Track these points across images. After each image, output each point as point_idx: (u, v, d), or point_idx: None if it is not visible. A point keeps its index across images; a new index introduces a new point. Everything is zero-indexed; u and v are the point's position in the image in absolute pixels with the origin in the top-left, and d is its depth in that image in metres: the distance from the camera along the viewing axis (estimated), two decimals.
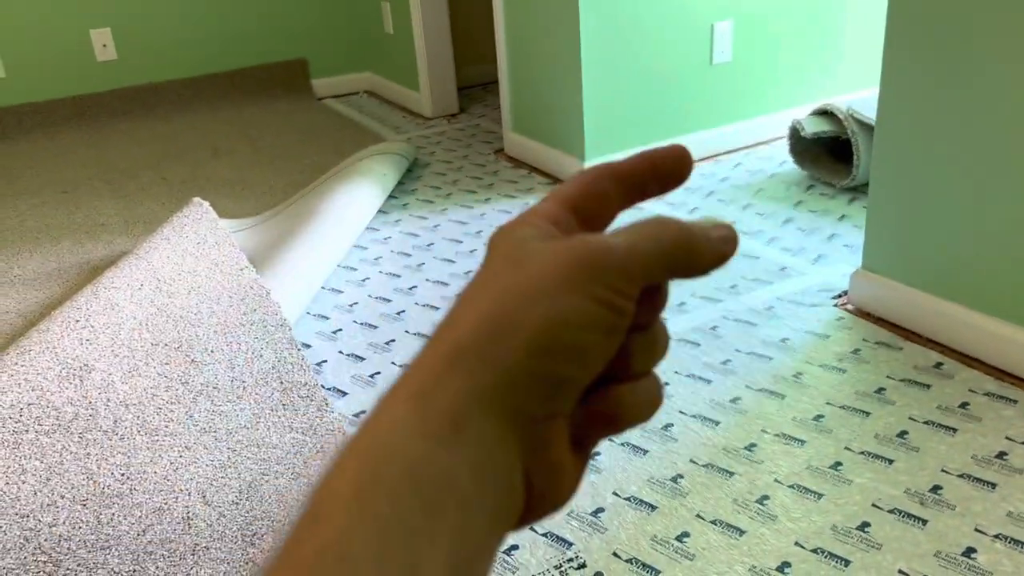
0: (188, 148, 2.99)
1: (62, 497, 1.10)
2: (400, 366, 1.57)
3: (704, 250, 0.25)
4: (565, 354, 0.23)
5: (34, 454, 1.15)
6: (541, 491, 0.24)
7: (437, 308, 1.78)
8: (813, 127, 2.17)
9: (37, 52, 3.19)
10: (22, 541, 1.03)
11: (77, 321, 1.44)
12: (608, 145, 2.33)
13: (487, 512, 0.22)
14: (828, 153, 2.28)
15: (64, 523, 1.06)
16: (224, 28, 3.47)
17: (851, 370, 1.45)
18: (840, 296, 1.69)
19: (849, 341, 1.53)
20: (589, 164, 2.17)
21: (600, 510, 1.18)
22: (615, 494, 1.21)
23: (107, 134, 3.20)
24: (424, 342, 0.24)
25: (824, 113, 2.20)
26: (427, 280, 1.92)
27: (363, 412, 1.44)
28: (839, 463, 1.23)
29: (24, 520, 1.05)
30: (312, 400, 1.41)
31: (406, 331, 1.70)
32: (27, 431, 1.19)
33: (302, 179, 2.59)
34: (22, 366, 1.31)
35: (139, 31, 3.33)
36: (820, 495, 1.18)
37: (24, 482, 1.11)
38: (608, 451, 1.30)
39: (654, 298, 0.26)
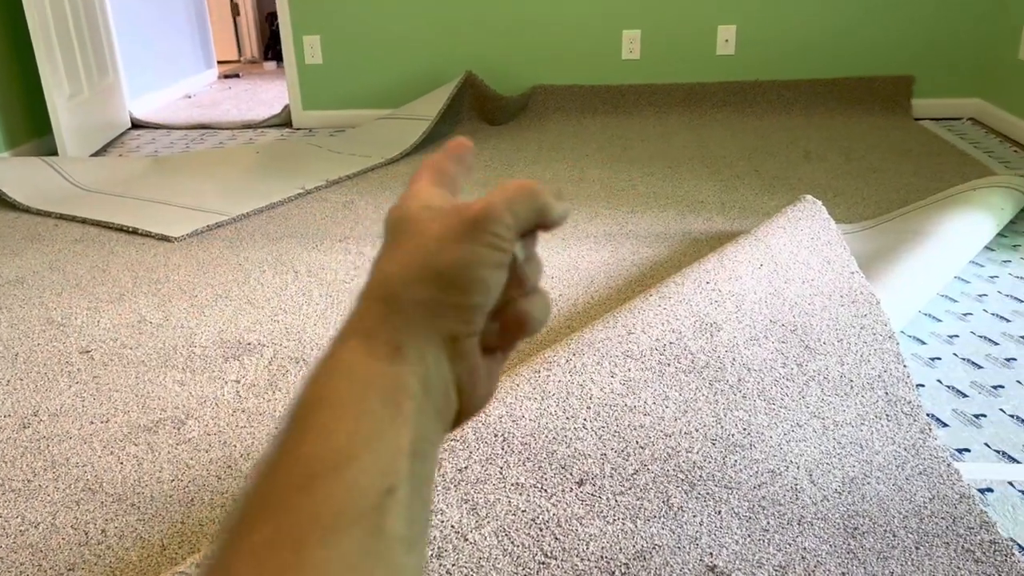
0: (780, 147, 3.10)
1: (696, 430, 1.24)
2: (1011, 416, 1.45)
3: (551, 209, 0.33)
4: (470, 287, 0.30)
5: (674, 385, 1.32)
6: (468, 395, 0.32)
7: None
8: None
9: (667, 42, 3.58)
10: (665, 455, 1.19)
11: (707, 283, 1.59)
12: None
13: (433, 410, 0.30)
14: None
15: (698, 453, 1.20)
16: (834, 37, 3.49)
17: None
18: None
19: None
20: None
21: None
22: None
23: (707, 122, 3.47)
24: (359, 293, 0.31)
25: None
26: None
27: (966, 450, 1.36)
28: None
29: (667, 439, 1.22)
30: (915, 420, 1.37)
31: (1018, 381, 1.55)
32: (669, 365, 1.36)
33: (898, 197, 2.51)
34: (663, 310, 1.50)
35: (760, 31, 3.52)
36: None
37: (667, 407, 1.28)
38: None
39: (532, 234, 0.33)
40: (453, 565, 0.97)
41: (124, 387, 1.59)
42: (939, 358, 1.65)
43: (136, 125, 3.99)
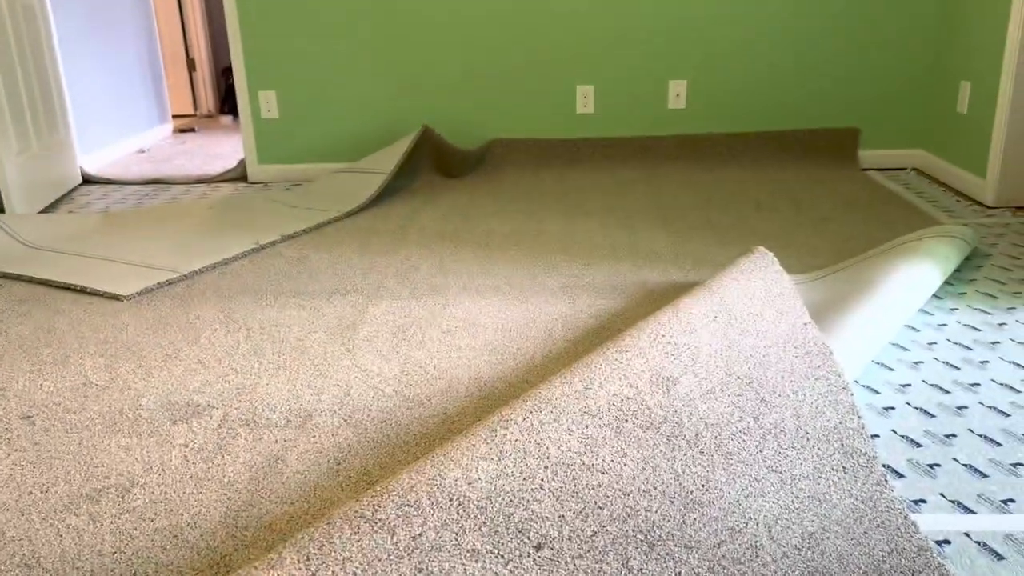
0: (732, 198, 3.15)
1: (654, 488, 1.23)
2: (965, 465, 1.46)
3: None
4: None
5: (632, 442, 1.31)
6: None
7: (1008, 414, 1.62)
8: None
9: (620, 96, 3.65)
10: (624, 515, 1.17)
11: (662, 336, 1.60)
12: None
13: None
14: None
15: (656, 512, 1.19)
16: (782, 91, 3.60)
17: None
18: None
19: None
20: None
21: None
22: None
23: (661, 174, 3.52)
24: None
25: None
26: (993, 381, 1.76)
27: (922, 500, 1.36)
28: None
29: (626, 497, 1.20)
30: (872, 472, 1.37)
31: (969, 429, 1.57)
32: (626, 421, 1.35)
33: (848, 247, 2.56)
34: (620, 364, 1.49)
35: (710, 86, 3.61)
36: None
37: (625, 465, 1.26)
38: None
39: None
40: None
41: (66, 454, 1.54)
42: (892, 407, 1.66)
43: (87, 180, 3.93)
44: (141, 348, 1.99)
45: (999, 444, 1.52)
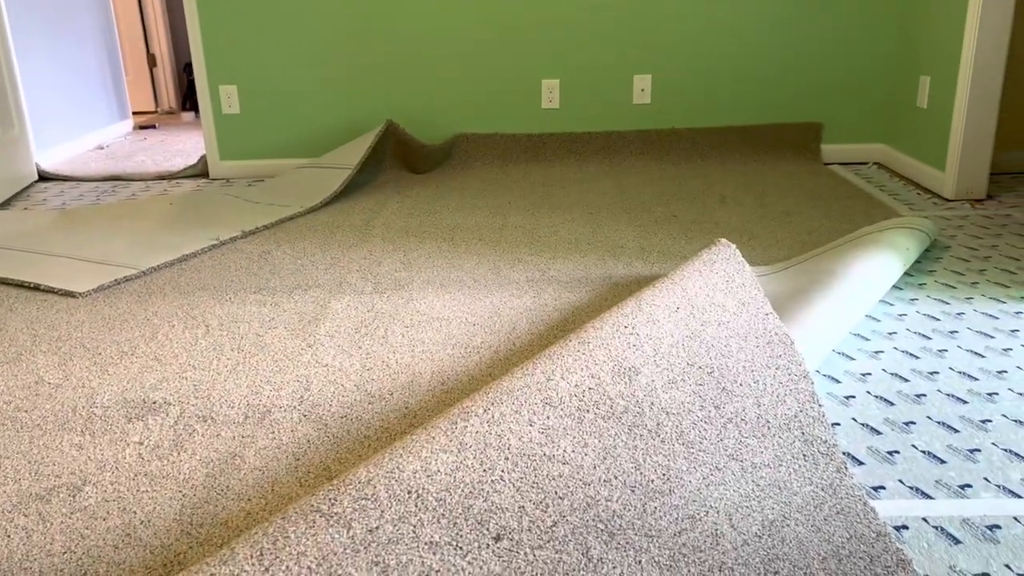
0: (696, 192, 3.16)
1: (615, 477, 1.22)
2: (923, 452, 1.47)
3: None
4: None
5: (593, 432, 1.30)
6: None
7: (966, 402, 1.64)
8: None
9: (585, 91, 3.65)
10: (585, 504, 1.16)
11: (625, 327, 1.59)
12: None
13: None
14: None
15: (617, 501, 1.18)
16: (746, 86, 3.62)
17: None
18: None
19: None
20: None
21: None
22: None
23: (626, 169, 3.53)
24: None
25: None
26: (951, 369, 1.78)
27: (881, 487, 1.37)
28: None
29: (586, 487, 1.19)
30: (832, 459, 1.38)
31: (928, 417, 1.59)
32: (588, 412, 1.34)
33: (810, 239, 2.58)
34: (582, 355, 1.49)
35: (674, 81, 3.62)
36: None
37: (586, 455, 1.25)
38: None
39: None
40: None
41: (15, 453, 1.49)
42: (853, 396, 1.68)
43: (44, 177, 3.84)
44: (96, 345, 1.94)
45: (957, 431, 1.53)
